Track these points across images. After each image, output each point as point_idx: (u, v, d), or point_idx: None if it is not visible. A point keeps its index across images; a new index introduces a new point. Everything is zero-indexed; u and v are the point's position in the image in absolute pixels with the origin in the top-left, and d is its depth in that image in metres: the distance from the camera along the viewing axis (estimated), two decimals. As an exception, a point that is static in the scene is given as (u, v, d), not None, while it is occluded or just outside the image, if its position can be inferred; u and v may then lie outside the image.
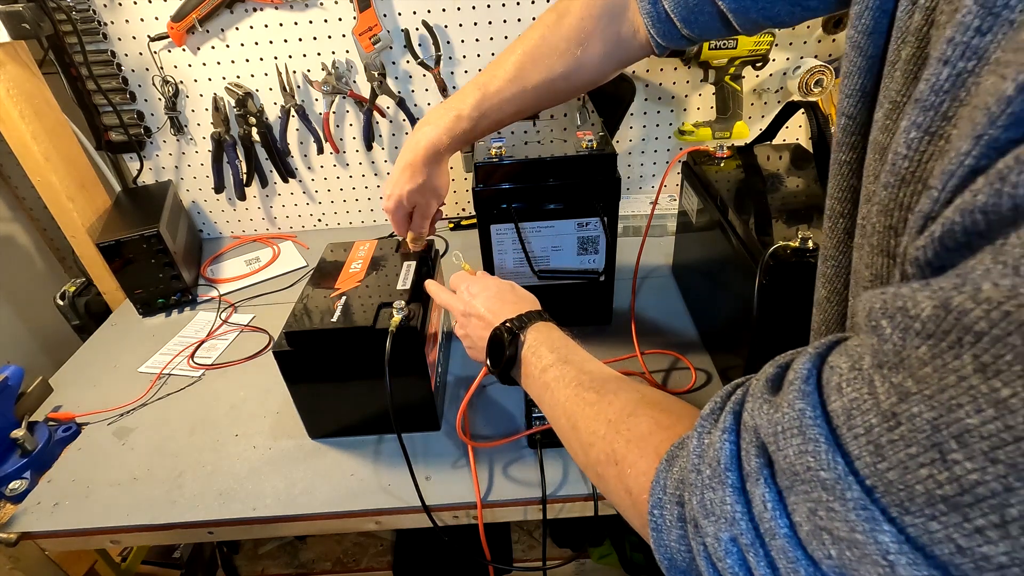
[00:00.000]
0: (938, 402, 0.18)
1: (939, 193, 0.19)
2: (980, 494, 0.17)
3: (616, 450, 0.35)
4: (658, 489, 0.30)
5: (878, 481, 0.20)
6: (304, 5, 0.96)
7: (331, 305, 0.65)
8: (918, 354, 0.18)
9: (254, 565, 1.20)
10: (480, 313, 0.54)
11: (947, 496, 0.18)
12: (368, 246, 0.77)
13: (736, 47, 0.93)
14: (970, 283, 0.17)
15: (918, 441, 0.18)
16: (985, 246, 0.17)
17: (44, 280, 1.13)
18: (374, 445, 0.69)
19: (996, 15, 0.18)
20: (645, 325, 0.84)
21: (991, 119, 0.16)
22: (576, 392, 0.41)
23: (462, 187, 1.17)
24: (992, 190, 0.16)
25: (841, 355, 0.23)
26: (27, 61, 0.89)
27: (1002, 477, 0.16)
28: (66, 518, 0.63)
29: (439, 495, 0.62)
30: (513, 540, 1.19)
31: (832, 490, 0.21)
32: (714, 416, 0.29)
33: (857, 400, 0.21)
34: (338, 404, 0.68)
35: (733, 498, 0.25)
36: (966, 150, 0.17)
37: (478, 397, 0.74)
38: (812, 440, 0.22)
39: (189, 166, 1.12)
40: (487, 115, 0.59)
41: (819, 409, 0.22)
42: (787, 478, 0.23)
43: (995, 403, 0.16)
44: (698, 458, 0.28)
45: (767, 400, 0.25)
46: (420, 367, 0.64)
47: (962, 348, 0.17)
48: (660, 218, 1.06)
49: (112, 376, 0.85)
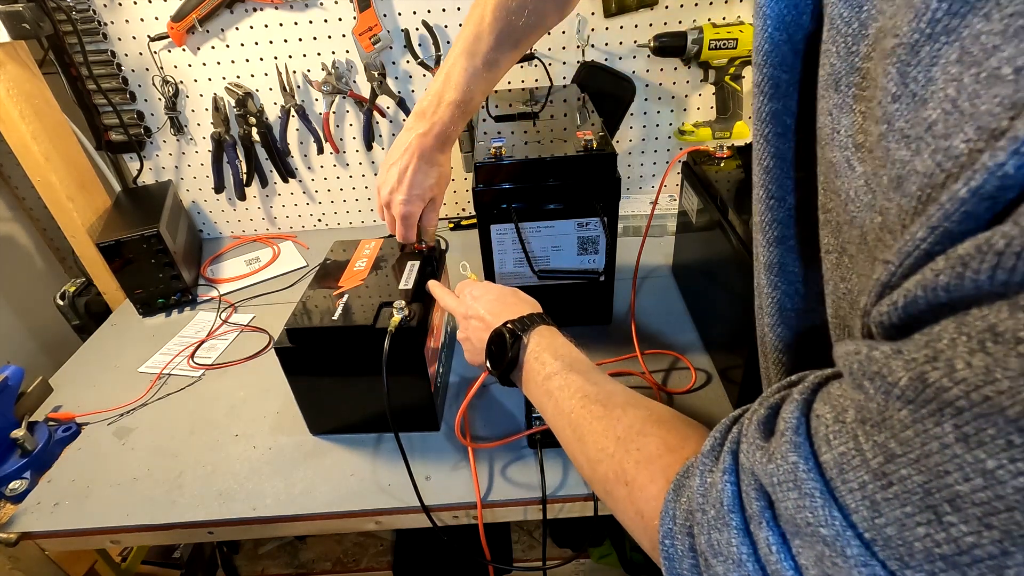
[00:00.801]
0: (925, 467, 0.18)
1: (896, 268, 0.20)
2: (977, 556, 0.18)
3: (627, 471, 0.35)
4: (667, 520, 0.30)
5: (877, 535, 0.20)
6: (304, 5, 0.96)
7: (333, 303, 0.65)
8: (899, 416, 0.19)
9: (254, 565, 1.20)
10: (480, 315, 0.54)
11: (945, 555, 0.18)
12: (373, 245, 0.77)
13: (736, 47, 0.93)
14: (943, 359, 0.18)
15: (912, 502, 0.19)
16: (948, 314, 0.18)
17: (44, 280, 1.13)
18: (374, 445, 0.69)
19: (910, 84, 0.20)
20: (645, 325, 0.84)
21: (947, 214, 0.18)
22: (582, 404, 0.41)
23: (462, 187, 1.17)
24: (954, 272, 0.17)
25: (825, 404, 0.24)
26: (27, 61, 0.89)
27: (998, 542, 0.17)
28: (66, 518, 0.63)
29: (439, 495, 0.62)
30: (513, 540, 1.19)
31: (833, 546, 0.22)
32: (714, 453, 0.29)
33: (846, 455, 0.21)
34: (339, 402, 0.68)
35: (738, 540, 0.26)
36: (922, 236, 0.19)
37: (479, 397, 0.74)
38: (808, 495, 0.22)
39: (189, 166, 1.12)
40: (480, 89, 0.59)
41: (812, 461, 0.23)
42: (790, 526, 0.24)
43: (982, 473, 0.17)
44: (702, 497, 0.28)
45: (760, 447, 0.26)
46: (419, 367, 0.64)
47: (943, 417, 0.18)
48: (660, 218, 1.06)
49: (112, 376, 0.85)
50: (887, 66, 0.21)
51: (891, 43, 0.21)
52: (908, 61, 0.20)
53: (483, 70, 0.59)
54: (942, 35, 0.19)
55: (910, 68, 0.20)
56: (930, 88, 0.19)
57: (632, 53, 1.02)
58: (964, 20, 0.18)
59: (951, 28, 0.18)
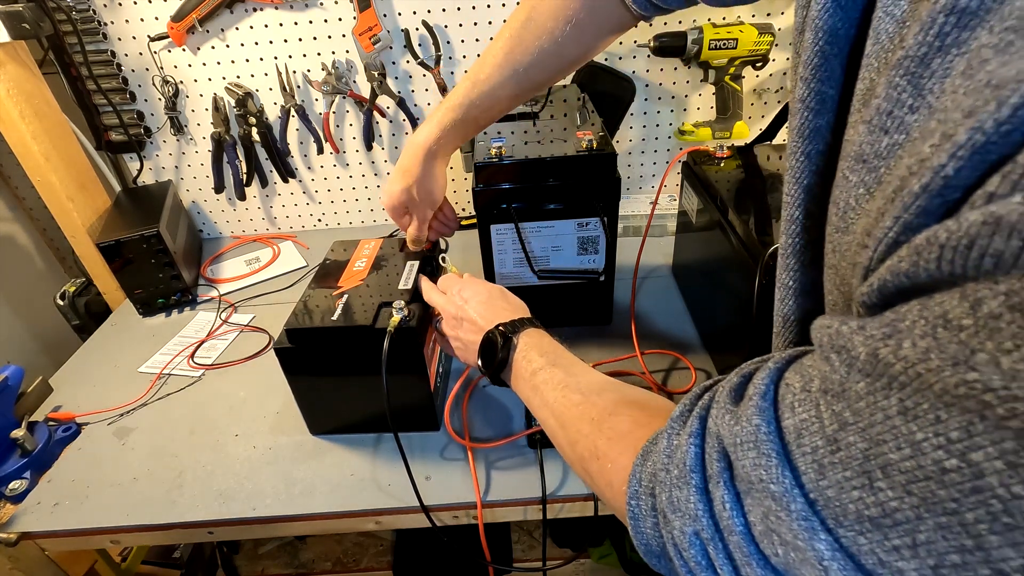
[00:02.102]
0: (868, 435, 0.20)
1: (872, 253, 0.22)
2: (897, 519, 0.20)
3: (599, 447, 0.38)
4: (634, 482, 0.33)
5: (819, 496, 0.22)
6: (304, 5, 0.96)
7: (332, 303, 0.65)
8: (857, 388, 0.21)
9: (254, 565, 1.20)
10: (472, 318, 0.55)
11: (872, 517, 0.20)
12: (373, 244, 0.77)
13: (736, 47, 0.93)
14: (896, 337, 0.19)
15: (852, 467, 0.21)
16: (917, 296, 0.19)
17: (44, 280, 1.13)
18: (373, 445, 0.69)
19: (923, 96, 0.21)
20: (645, 325, 0.84)
21: (905, 207, 0.20)
22: (563, 394, 0.44)
23: (462, 187, 1.17)
24: (911, 261, 0.19)
25: (796, 373, 0.25)
26: (27, 61, 0.89)
27: (915, 507, 0.19)
28: (66, 518, 0.63)
29: (439, 495, 0.62)
30: (513, 540, 1.19)
31: (780, 501, 0.23)
32: (683, 419, 0.31)
33: (807, 421, 0.23)
34: (338, 402, 0.68)
35: (696, 497, 0.28)
36: (888, 225, 0.21)
37: (479, 397, 0.74)
38: (765, 455, 0.24)
39: (189, 166, 1.12)
40: (477, 103, 0.58)
41: (773, 425, 0.25)
42: (744, 484, 0.26)
43: (912, 443, 0.19)
44: (667, 458, 0.30)
45: (729, 411, 0.27)
46: (419, 367, 0.64)
47: (891, 391, 0.19)
48: (660, 218, 1.06)
49: (112, 376, 0.85)
50: (893, 77, 0.22)
51: (898, 55, 0.21)
52: (920, 73, 0.20)
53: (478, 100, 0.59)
54: (952, 47, 0.19)
55: (924, 80, 0.20)
56: (942, 100, 0.20)
57: (632, 53, 1.02)
58: (974, 33, 0.19)
59: (961, 40, 0.19)
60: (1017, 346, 0.16)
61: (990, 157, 0.17)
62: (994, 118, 0.17)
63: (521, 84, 0.57)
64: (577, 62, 0.59)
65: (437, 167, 0.63)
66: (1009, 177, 0.16)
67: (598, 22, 0.54)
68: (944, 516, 0.18)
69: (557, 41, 0.55)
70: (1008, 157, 0.17)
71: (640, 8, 0.52)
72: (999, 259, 0.16)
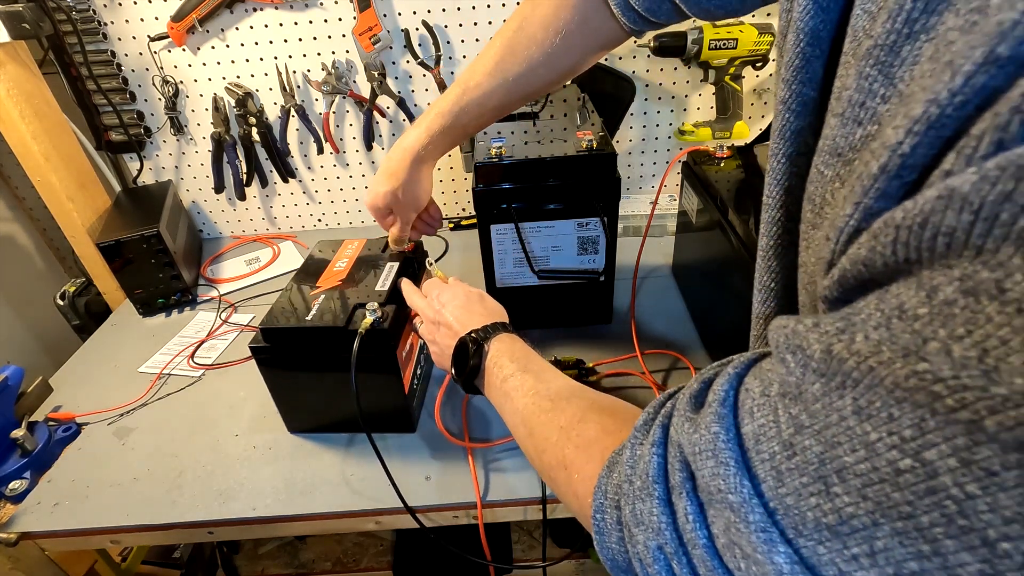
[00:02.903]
0: (824, 438, 0.19)
1: (834, 245, 0.21)
2: (854, 526, 0.19)
3: (566, 455, 0.37)
4: (599, 494, 0.32)
5: (779, 504, 0.21)
6: (304, 5, 0.96)
7: (309, 303, 0.65)
8: (812, 390, 0.20)
9: (254, 565, 1.20)
10: (448, 322, 0.55)
11: (830, 524, 0.19)
12: (356, 245, 0.77)
13: (736, 47, 0.93)
14: (849, 331, 0.19)
15: (808, 472, 0.20)
16: (875, 289, 0.19)
17: (44, 280, 1.13)
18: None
19: (894, 84, 0.20)
20: (645, 325, 0.84)
21: (864, 191, 0.19)
22: (533, 400, 0.43)
23: (462, 187, 1.17)
24: (868, 247, 0.18)
25: (755, 377, 0.24)
26: (27, 61, 0.89)
27: (871, 512, 0.18)
28: (66, 518, 0.63)
29: (439, 495, 0.62)
30: (513, 540, 1.19)
31: (738, 512, 0.22)
32: (646, 428, 0.30)
33: (764, 427, 0.22)
34: (314, 402, 0.68)
35: (659, 510, 0.26)
36: (849, 212, 0.20)
37: (478, 397, 0.74)
38: (723, 464, 0.23)
39: (189, 166, 1.12)
40: (467, 110, 0.58)
41: (732, 431, 0.24)
42: (706, 494, 0.25)
43: (866, 444, 0.18)
44: (630, 469, 0.29)
45: (689, 418, 0.26)
46: (392, 369, 0.63)
47: (844, 390, 0.19)
48: (660, 218, 1.06)
49: (112, 376, 0.85)
50: (863, 67, 0.21)
51: (866, 45, 0.21)
52: (890, 62, 0.20)
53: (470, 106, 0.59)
54: (921, 33, 0.19)
55: (895, 68, 0.20)
56: (911, 86, 0.19)
57: (632, 53, 1.02)
58: (941, 18, 0.18)
59: (929, 26, 0.19)
60: (969, 332, 0.15)
61: (945, 132, 0.17)
62: (948, 88, 0.16)
63: (511, 93, 0.57)
64: (567, 74, 0.58)
65: (424, 172, 0.63)
66: (963, 152, 0.16)
67: (588, 35, 0.54)
68: (900, 521, 0.17)
69: (547, 52, 0.54)
70: (962, 132, 0.16)
71: (630, 22, 0.51)
72: (951, 237, 0.15)
